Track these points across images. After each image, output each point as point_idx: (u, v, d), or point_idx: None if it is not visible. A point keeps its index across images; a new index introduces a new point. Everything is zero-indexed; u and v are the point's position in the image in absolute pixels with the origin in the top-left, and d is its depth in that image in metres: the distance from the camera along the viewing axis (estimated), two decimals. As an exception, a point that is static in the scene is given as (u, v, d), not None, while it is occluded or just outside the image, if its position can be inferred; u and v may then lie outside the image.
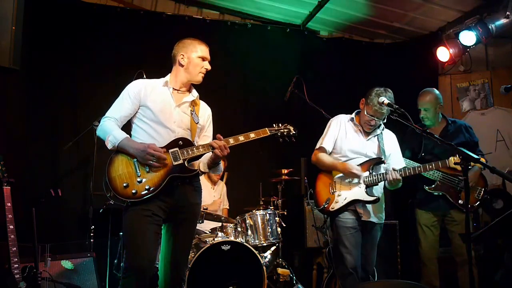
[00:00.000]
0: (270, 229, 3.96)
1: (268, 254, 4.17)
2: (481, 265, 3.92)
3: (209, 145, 2.59)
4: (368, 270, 3.26)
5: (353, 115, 3.40)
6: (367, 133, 3.31)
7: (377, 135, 3.32)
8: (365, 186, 3.19)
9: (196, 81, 2.72)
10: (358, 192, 3.19)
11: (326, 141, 3.34)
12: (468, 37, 4.72)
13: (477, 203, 3.66)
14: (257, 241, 3.92)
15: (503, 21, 4.45)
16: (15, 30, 2.98)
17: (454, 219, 3.64)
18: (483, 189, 3.66)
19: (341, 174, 3.25)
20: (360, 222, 3.21)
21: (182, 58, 2.70)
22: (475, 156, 2.38)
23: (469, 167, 2.40)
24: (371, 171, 3.23)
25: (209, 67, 2.72)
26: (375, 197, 3.18)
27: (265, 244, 3.98)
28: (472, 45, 4.80)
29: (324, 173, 3.35)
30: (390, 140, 3.38)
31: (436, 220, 3.75)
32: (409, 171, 3.21)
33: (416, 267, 4.24)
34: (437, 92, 3.84)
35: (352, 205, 3.19)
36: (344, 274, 3.13)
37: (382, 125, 3.34)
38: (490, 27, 4.51)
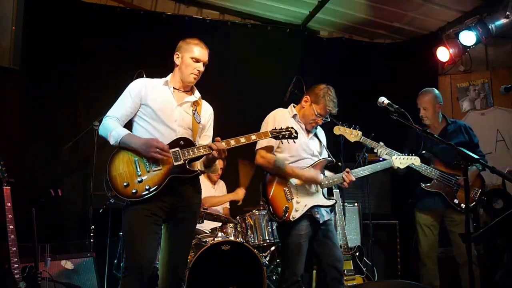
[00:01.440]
0: (270, 229, 3.95)
1: (268, 254, 4.17)
2: (481, 265, 3.92)
3: (208, 146, 2.59)
4: (339, 267, 3.06)
5: (294, 110, 3.18)
6: (308, 132, 3.17)
7: (315, 132, 3.23)
8: (321, 189, 3.09)
9: (188, 82, 2.71)
10: (317, 197, 3.06)
11: (271, 140, 2.92)
12: (468, 37, 4.72)
13: (473, 203, 3.68)
14: (257, 241, 3.92)
15: (503, 21, 4.45)
16: (15, 30, 2.99)
17: (454, 219, 3.65)
18: (479, 190, 3.68)
19: (296, 180, 3.04)
20: (314, 225, 3.04)
21: (177, 57, 2.71)
22: (475, 156, 2.38)
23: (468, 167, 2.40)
24: (323, 173, 3.12)
25: (201, 69, 2.69)
26: (334, 201, 3.13)
27: (265, 244, 3.98)
28: (472, 45, 4.80)
29: (274, 178, 3.03)
30: (323, 137, 3.32)
31: (435, 220, 3.76)
32: (361, 172, 3.17)
33: (416, 267, 4.24)
34: (436, 91, 3.85)
35: (310, 211, 3.01)
36: (292, 281, 2.96)
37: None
38: (490, 27, 4.51)
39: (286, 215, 2.94)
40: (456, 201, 3.60)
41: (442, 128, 3.83)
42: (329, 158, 3.19)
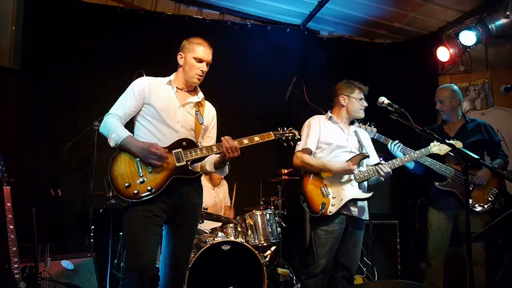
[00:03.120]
0: (270, 229, 3.96)
1: (268, 254, 4.17)
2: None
3: (213, 146, 2.57)
4: (351, 270, 3.16)
5: (329, 113, 3.35)
6: (346, 130, 3.31)
7: (354, 131, 3.32)
8: (357, 183, 3.15)
9: (191, 82, 2.69)
10: (352, 191, 3.14)
11: (310, 141, 3.23)
12: (468, 37, 4.71)
13: (489, 205, 3.52)
14: (257, 241, 3.92)
15: (503, 21, 4.44)
16: (15, 30, 2.99)
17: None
18: (496, 189, 3.53)
19: (330, 175, 3.16)
20: (346, 222, 3.13)
21: (181, 58, 2.70)
22: (475, 156, 2.38)
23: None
24: (358, 167, 3.19)
25: (204, 69, 2.67)
26: (370, 193, 3.16)
27: (265, 244, 3.98)
28: (472, 45, 4.79)
29: (311, 176, 3.19)
30: (365, 136, 3.38)
31: (448, 222, 3.66)
32: (397, 162, 3.21)
33: (416, 267, 4.24)
34: (455, 87, 3.82)
35: (346, 206, 3.11)
36: (312, 274, 3.07)
37: (356, 123, 3.37)
38: (490, 27, 4.50)
39: (323, 210, 3.06)
40: (470, 201, 3.48)
41: (460, 125, 3.75)
42: (365, 152, 3.24)
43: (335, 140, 3.23)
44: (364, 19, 5.38)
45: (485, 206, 3.53)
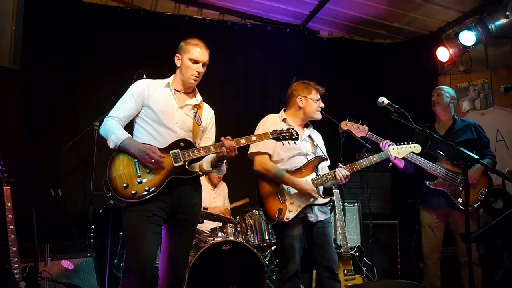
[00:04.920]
0: (270, 229, 3.96)
1: (268, 254, 4.17)
2: (481, 265, 3.92)
3: (210, 146, 2.58)
4: (332, 269, 3.09)
5: (283, 115, 3.20)
6: (300, 133, 3.14)
7: (308, 135, 3.23)
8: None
9: (188, 83, 2.70)
10: (309, 196, 3.03)
11: (269, 146, 3.04)
12: (468, 37, 4.72)
13: (478, 204, 3.60)
14: (257, 241, 3.92)
15: (503, 21, 4.44)
16: (15, 30, 2.98)
17: (457, 219, 3.62)
18: (486, 189, 3.61)
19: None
20: (307, 225, 3.05)
21: (177, 59, 2.71)
22: (474, 156, 2.38)
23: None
24: (316, 171, 3.11)
25: (200, 70, 2.66)
26: (328, 198, 3.11)
27: (265, 244, 3.98)
28: (472, 45, 4.80)
29: (268, 182, 3.06)
30: (319, 139, 3.33)
31: (439, 221, 3.72)
32: (355, 166, 3.09)
33: (416, 267, 4.24)
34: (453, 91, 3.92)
35: (302, 211, 3.02)
36: (286, 279, 3.00)
37: (311, 126, 3.27)
38: (490, 27, 4.50)
39: (280, 216, 2.95)
40: (460, 200, 3.55)
41: (450, 124, 3.83)
42: (322, 155, 3.18)
43: (290, 145, 3.02)
44: (364, 19, 5.38)
45: (475, 206, 3.60)
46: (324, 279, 3.08)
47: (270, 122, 3.13)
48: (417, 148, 3.29)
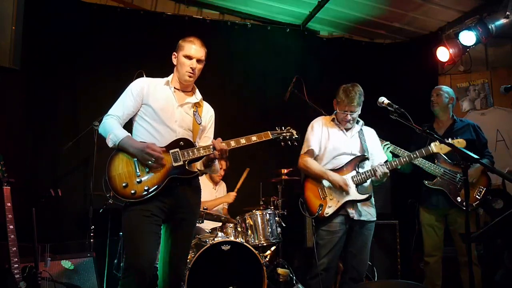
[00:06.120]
0: (270, 229, 3.96)
1: (268, 254, 4.17)
2: (481, 265, 3.92)
3: (210, 146, 2.59)
4: (360, 271, 3.19)
5: (333, 115, 3.39)
6: (348, 132, 3.33)
7: (358, 132, 3.34)
8: (354, 185, 3.18)
9: (184, 81, 2.69)
10: (349, 193, 3.17)
11: (313, 143, 3.30)
12: (468, 37, 4.71)
13: (477, 202, 3.62)
14: (257, 241, 3.92)
15: (503, 21, 4.44)
16: (15, 30, 2.98)
17: (456, 218, 3.64)
18: (484, 188, 3.63)
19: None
20: (349, 223, 3.18)
21: (174, 57, 2.72)
22: (474, 156, 2.38)
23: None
24: (357, 169, 3.23)
25: (194, 66, 2.65)
26: (367, 195, 3.19)
27: (265, 244, 3.98)
28: (472, 45, 4.79)
29: (311, 180, 3.30)
30: (370, 136, 3.40)
31: (439, 220, 3.74)
32: (395, 163, 3.24)
33: (416, 267, 4.24)
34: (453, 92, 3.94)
35: (344, 208, 3.17)
36: (315, 273, 3.12)
37: (361, 122, 3.38)
38: (490, 27, 4.50)
39: (320, 211, 3.14)
40: (459, 199, 3.56)
41: (449, 124, 3.85)
42: (364, 155, 3.26)
43: (335, 144, 3.26)
44: (364, 19, 5.38)
45: (474, 204, 3.62)
46: (348, 279, 3.18)
47: (318, 123, 3.37)
48: (460, 142, 3.38)
